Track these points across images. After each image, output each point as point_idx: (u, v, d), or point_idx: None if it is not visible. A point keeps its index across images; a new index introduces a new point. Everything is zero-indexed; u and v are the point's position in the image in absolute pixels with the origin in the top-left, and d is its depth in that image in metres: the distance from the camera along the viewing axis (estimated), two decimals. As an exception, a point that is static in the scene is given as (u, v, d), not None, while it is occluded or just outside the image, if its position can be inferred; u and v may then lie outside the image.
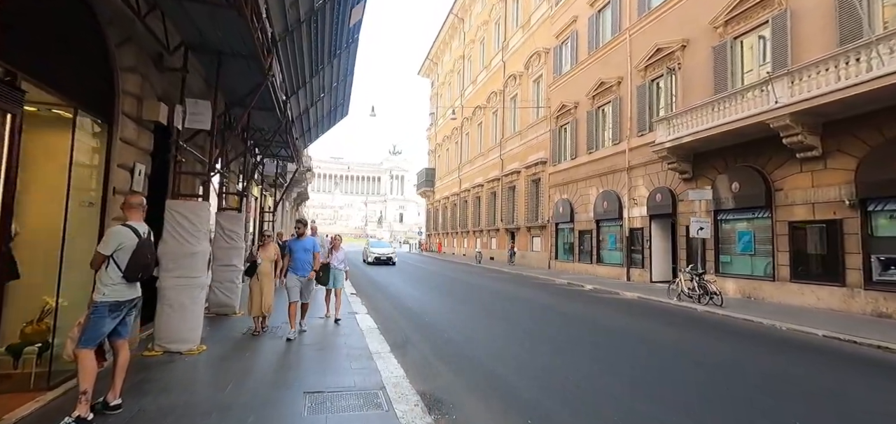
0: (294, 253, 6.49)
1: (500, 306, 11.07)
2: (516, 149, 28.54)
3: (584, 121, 20.75)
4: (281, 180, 14.32)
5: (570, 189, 21.79)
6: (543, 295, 13.27)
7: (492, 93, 32.90)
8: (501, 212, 30.17)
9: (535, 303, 11.63)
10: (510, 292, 13.98)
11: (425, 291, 13.67)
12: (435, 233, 48.23)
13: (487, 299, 12.17)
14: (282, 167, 15.19)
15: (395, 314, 9.59)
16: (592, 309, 10.95)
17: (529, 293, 13.85)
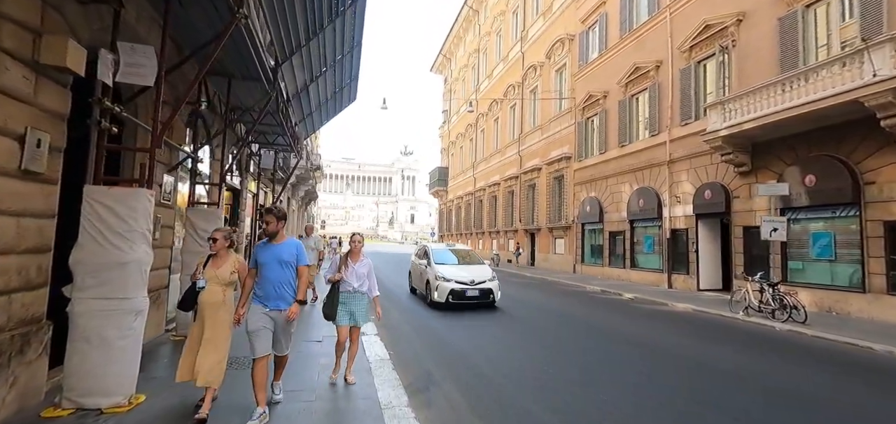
0: (261, 269, 3.69)
1: (536, 323, 9.29)
2: (536, 145, 26.70)
3: (614, 112, 18.85)
4: (280, 174, 12.78)
5: (598, 186, 19.90)
6: (579, 307, 11.46)
7: (509, 87, 31.09)
8: (520, 211, 28.34)
9: (574, 319, 9.83)
10: (540, 303, 12.20)
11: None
12: (448, 234, 46.50)
13: (519, 314, 10.41)
14: (282, 160, 13.64)
15: (411, 334, 7.89)
16: (647, 327, 9.12)
17: (563, 304, 12.05)
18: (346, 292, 4.79)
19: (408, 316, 9.41)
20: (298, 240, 3.91)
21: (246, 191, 11.26)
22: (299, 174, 20.59)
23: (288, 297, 3.73)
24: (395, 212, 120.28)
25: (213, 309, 3.71)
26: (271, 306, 3.68)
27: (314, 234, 9.46)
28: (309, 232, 9.44)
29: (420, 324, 8.64)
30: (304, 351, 5.99)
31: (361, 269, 4.94)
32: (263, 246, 3.77)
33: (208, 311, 3.71)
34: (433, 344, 7.14)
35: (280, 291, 3.68)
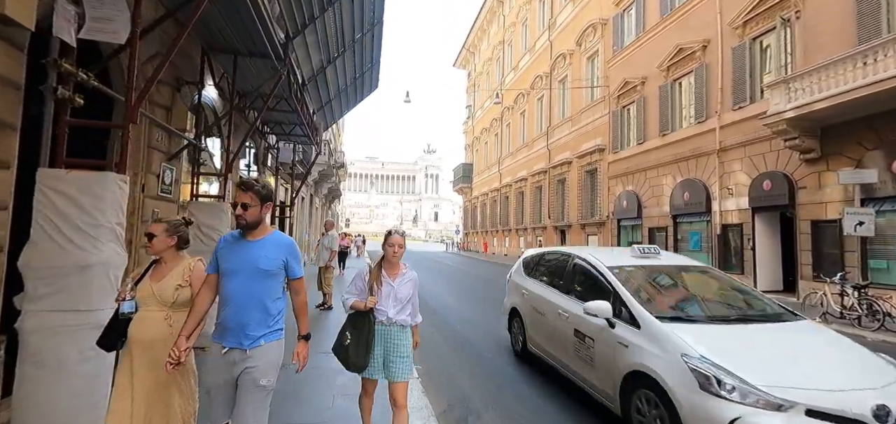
0: (224, 280, 2.34)
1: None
2: (566, 138, 25.42)
3: (654, 99, 17.48)
4: (300, 169, 12.11)
5: (636, 179, 18.56)
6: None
7: (537, 78, 29.85)
8: (549, 207, 27.12)
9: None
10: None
11: (476, 305, 11.05)
12: (473, 232, 45.54)
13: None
14: (303, 153, 13.00)
15: (445, 350, 7.01)
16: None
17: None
18: (379, 324, 2.98)
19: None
20: (289, 239, 2.48)
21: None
22: (321, 170, 20.03)
23: (260, 331, 2.30)
24: (419, 210, 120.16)
25: (147, 350, 2.40)
26: (229, 343, 2.28)
27: (332, 232, 8.69)
28: (328, 228, 8.70)
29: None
30: (315, 366, 5.18)
31: (403, 289, 3.03)
32: (232, 242, 2.33)
33: (139, 353, 2.40)
34: (470, 363, 6.20)
35: (246, 318, 2.25)
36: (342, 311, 3.22)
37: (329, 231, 8.68)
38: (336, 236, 8.66)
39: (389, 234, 3.09)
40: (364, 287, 3.02)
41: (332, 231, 8.68)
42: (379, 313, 2.97)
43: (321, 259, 8.58)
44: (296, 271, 2.45)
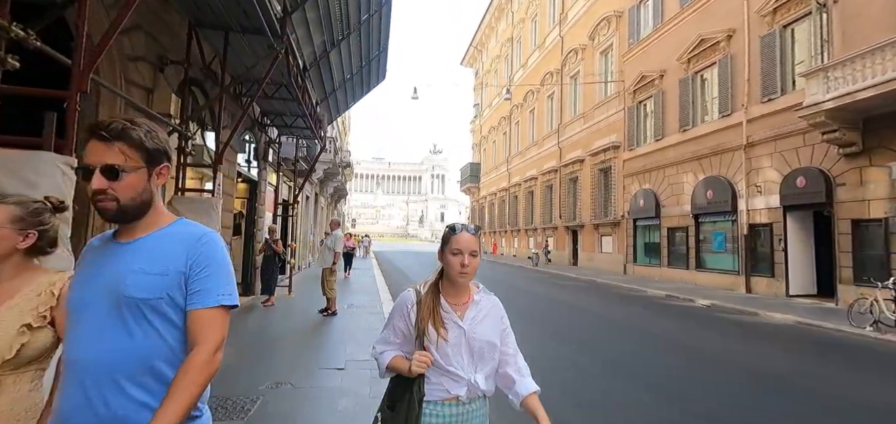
0: (70, 322, 1.11)
1: (613, 346, 7.54)
2: (578, 135, 24.64)
3: (674, 93, 16.69)
4: (303, 165, 11.48)
5: (653, 177, 17.77)
6: (651, 318, 9.58)
7: (547, 74, 29.09)
8: (560, 207, 26.35)
9: (654, 337, 8.00)
10: (601, 311, 10.40)
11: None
12: (481, 232, 44.74)
13: (590, 331, 8.69)
14: (307, 149, 12.40)
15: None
16: (750, 347, 7.22)
17: (629, 314, 10.22)
18: (442, 402, 1.52)
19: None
20: (204, 231, 1.17)
21: (264, 183, 10.01)
22: (327, 169, 19.44)
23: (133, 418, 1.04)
24: (425, 210, 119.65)
25: None
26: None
27: (337, 231, 8.05)
28: (334, 227, 8.06)
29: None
30: (314, 384, 4.52)
31: (483, 329, 1.62)
32: (94, 251, 1.19)
33: None
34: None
35: (103, 395, 1.03)
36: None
37: (334, 230, 8.04)
38: (341, 236, 8.00)
39: (451, 233, 1.62)
40: (408, 330, 1.61)
41: (336, 230, 8.03)
42: (437, 380, 1.52)
43: (324, 260, 7.94)
44: (208, 292, 1.12)
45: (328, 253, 7.85)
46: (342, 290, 11.07)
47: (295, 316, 7.77)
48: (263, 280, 8.60)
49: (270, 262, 8.58)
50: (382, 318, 7.81)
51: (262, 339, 6.20)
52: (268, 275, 8.55)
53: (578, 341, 7.14)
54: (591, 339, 7.41)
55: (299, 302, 9.37)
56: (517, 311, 9.58)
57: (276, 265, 8.65)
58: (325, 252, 7.92)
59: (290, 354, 5.58)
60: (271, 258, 8.57)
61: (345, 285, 11.03)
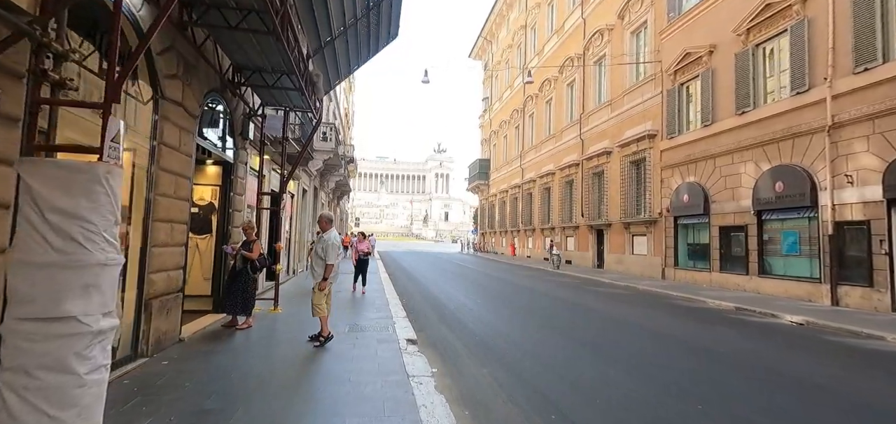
0: None
1: (726, 394, 5.29)
2: (604, 125, 22.36)
3: (728, 70, 14.40)
4: (294, 147, 9.20)
5: (700, 168, 15.49)
6: (741, 341, 7.32)
7: (567, 61, 26.81)
8: (582, 205, 24.07)
9: (766, 371, 5.75)
10: (669, 330, 8.15)
11: (524, 324, 8.15)
12: (491, 232, 42.59)
13: (666, 363, 6.46)
14: (297, 127, 10.23)
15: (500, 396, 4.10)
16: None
17: (713, 336, 7.96)
18: None
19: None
20: None
21: (242, 166, 7.81)
22: (328, 159, 17.23)
23: None
24: (429, 210, 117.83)
25: None
26: None
27: (331, 232, 5.82)
28: (325, 225, 5.80)
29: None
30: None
31: None
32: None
33: None
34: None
35: None
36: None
37: (326, 231, 5.81)
38: (337, 240, 5.75)
39: None
40: None
41: (329, 232, 5.80)
42: None
43: (314, 271, 5.76)
44: None
45: (318, 262, 5.65)
46: (346, 306, 8.86)
47: (274, 350, 5.54)
48: (235, 295, 6.42)
49: (243, 275, 6.42)
50: (397, 349, 5.59)
51: (213, 395, 3.99)
52: (240, 289, 6.38)
53: (663, 382, 4.89)
54: (688, 382, 5.16)
55: (286, 322, 7.17)
56: (558, 327, 7.31)
57: (249, 276, 6.47)
58: (316, 261, 5.72)
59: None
60: (246, 266, 6.40)
61: (360, 303, 8.81)
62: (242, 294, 6.39)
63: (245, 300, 6.42)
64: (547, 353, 6.05)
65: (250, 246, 6.47)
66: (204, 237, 7.42)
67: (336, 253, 5.70)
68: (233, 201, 7.48)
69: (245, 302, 6.43)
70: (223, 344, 5.64)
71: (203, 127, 6.76)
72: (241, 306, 6.42)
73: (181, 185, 5.32)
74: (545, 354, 6.02)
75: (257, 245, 6.54)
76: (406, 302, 10.00)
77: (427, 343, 6.34)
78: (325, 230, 5.82)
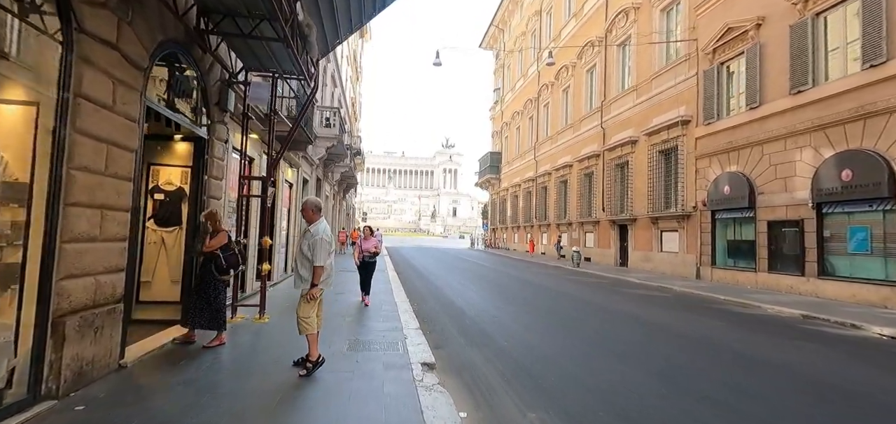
0: None
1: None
2: (629, 112, 20.72)
3: (779, 44, 12.75)
4: (283, 120, 7.69)
5: (744, 156, 13.86)
6: (838, 363, 5.80)
7: (586, 45, 25.14)
8: (603, 198, 22.46)
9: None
10: (751, 350, 6.63)
11: (564, 340, 6.68)
12: (502, 227, 41.07)
13: (780, 406, 4.96)
14: (292, 99, 8.82)
15: None
16: None
17: (788, 354, 6.44)
18: None
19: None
20: None
21: (220, 144, 6.42)
22: (331, 147, 15.84)
23: None
24: (437, 205, 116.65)
25: None
26: None
27: (320, 222, 4.38)
28: (311, 215, 4.32)
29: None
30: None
31: None
32: None
33: None
34: None
35: None
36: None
37: (313, 220, 4.39)
38: (327, 235, 4.32)
39: None
40: None
41: (317, 222, 4.38)
42: None
43: (299, 277, 4.34)
44: None
45: (304, 264, 4.23)
46: (345, 313, 7.46)
47: (244, 382, 4.08)
48: (198, 304, 5.03)
49: (208, 277, 5.03)
50: (411, 379, 4.17)
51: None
52: (205, 297, 4.99)
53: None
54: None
55: (271, 336, 5.77)
56: (608, 344, 5.78)
57: (216, 279, 5.07)
58: (301, 262, 4.30)
59: None
60: (208, 266, 5.01)
61: (362, 313, 7.36)
62: (207, 302, 5.00)
63: (212, 311, 5.03)
64: (609, 386, 4.58)
65: (209, 245, 5.08)
66: (171, 230, 6.04)
67: (327, 251, 4.28)
68: (208, 186, 6.08)
69: (212, 313, 5.03)
70: (179, 372, 4.25)
71: (171, 94, 5.37)
72: (208, 318, 5.02)
73: (118, 159, 3.93)
74: (607, 387, 4.55)
75: (221, 235, 5.13)
76: (418, 308, 8.58)
77: (449, 368, 4.90)
78: (312, 220, 4.40)
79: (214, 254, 5.02)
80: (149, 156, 6.04)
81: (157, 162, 6.07)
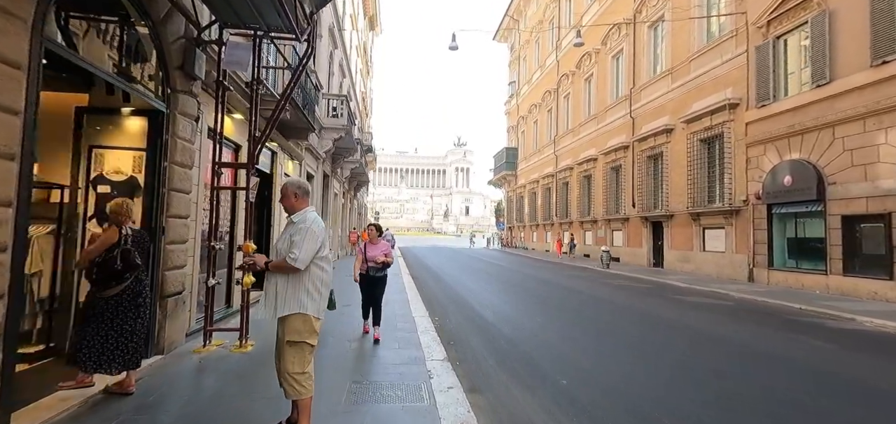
0: None
1: None
2: (663, 98, 18.93)
3: (854, 8, 10.95)
4: (264, 86, 6.06)
5: (809, 141, 12.05)
6: None
7: (612, 30, 23.35)
8: (634, 193, 20.67)
9: None
10: (855, 376, 4.96)
11: (649, 373, 5.10)
12: (519, 225, 39.36)
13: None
14: (282, 64, 7.38)
15: None
16: None
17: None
18: None
19: None
20: None
21: (187, 122, 4.97)
22: (338, 139, 14.41)
23: None
24: (450, 204, 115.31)
25: None
26: None
27: (308, 211, 2.90)
28: (294, 202, 2.85)
29: None
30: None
31: None
32: None
33: None
34: None
35: None
36: None
37: (297, 208, 2.89)
38: (318, 225, 2.81)
39: None
40: None
41: (306, 210, 2.89)
42: None
43: (280, 298, 2.81)
44: None
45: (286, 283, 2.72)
46: (353, 339, 5.96)
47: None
48: (87, 336, 3.47)
49: (105, 286, 3.53)
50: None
51: None
52: (94, 324, 3.48)
53: None
54: None
55: (247, 377, 4.28)
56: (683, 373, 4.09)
57: (120, 294, 3.56)
58: (284, 285, 2.77)
59: None
60: (109, 268, 3.49)
61: (371, 358, 5.74)
62: (98, 331, 3.48)
63: (109, 342, 3.49)
64: None
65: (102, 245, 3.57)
66: (108, 229, 4.61)
67: (314, 244, 2.79)
68: (169, 176, 4.63)
69: (110, 346, 3.49)
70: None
71: (117, 53, 3.93)
72: (98, 354, 3.47)
73: (8, 129, 2.48)
74: None
75: (109, 233, 3.59)
76: (440, 324, 7.06)
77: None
78: (295, 208, 2.92)
79: (103, 261, 3.50)
80: (90, 137, 4.61)
81: (101, 143, 4.64)
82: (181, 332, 5.04)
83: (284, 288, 2.75)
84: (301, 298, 2.75)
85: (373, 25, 35.69)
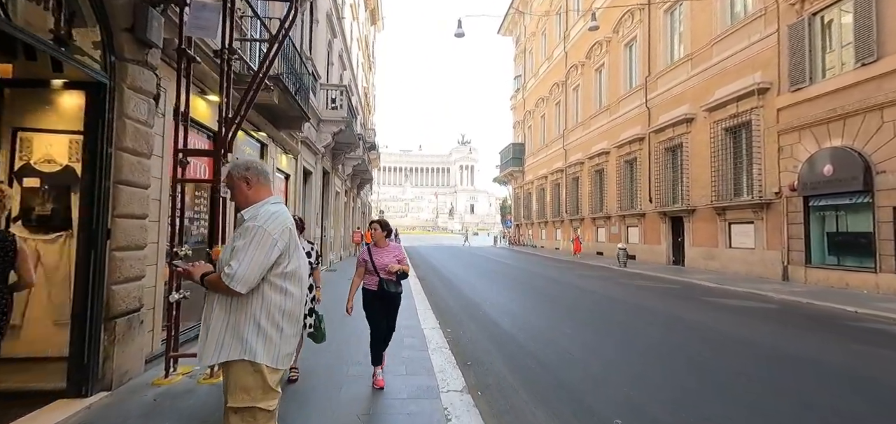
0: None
1: None
2: (681, 87, 17.83)
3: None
4: (238, 55, 5.09)
5: (852, 126, 10.97)
6: None
7: (624, 16, 22.25)
8: (651, 188, 19.59)
9: None
10: None
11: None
12: (527, 223, 38.31)
13: None
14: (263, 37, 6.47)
15: None
16: None
17: None
18: None
19: None
20: None
21: (139, 99, 4.01)
22: (338, 133, 13.44)
23: None
24: (455, 202, 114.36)
25: None
26: None
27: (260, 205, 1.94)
28: (247, 194, 2.00)
29: None
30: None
31: None
32: None
33: None
34: None
35: None
36: None
37: (252, 200, 1.93)
38: (276, 224, 1.84)
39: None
40: None
41: (262, 203, 1.93)
42: None
43: (219, 339, 1.83)
44: None
45: (226, 313, 1.73)
46: (354, 362, 5.00)
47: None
48: None
49: None
50: None
51: None
52: None
53: None
54: None
55: (210, 418, 3.35)
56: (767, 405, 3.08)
57: None
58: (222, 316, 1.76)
59: None
60: None
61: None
62: None
63: None
64: None
65: None
66: (54, 237, 3.68)
67: (263, 254, 1.82)
68: (117, 165, 3.68)
69: None
70: None
71: (56, 18, 2.98)
72: None
73: None
74: None
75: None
76: (454, 338, 6.07)
77: None
78: (248, 200, 1.97)
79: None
80: (14, 117, 3.66)
81: (29, 126, 3.69)
82: (138, 359, 4.09)
83: (222, 319, 1.78)
84: (246, 337, 1.78)
85: (374, 19, 34.72)
